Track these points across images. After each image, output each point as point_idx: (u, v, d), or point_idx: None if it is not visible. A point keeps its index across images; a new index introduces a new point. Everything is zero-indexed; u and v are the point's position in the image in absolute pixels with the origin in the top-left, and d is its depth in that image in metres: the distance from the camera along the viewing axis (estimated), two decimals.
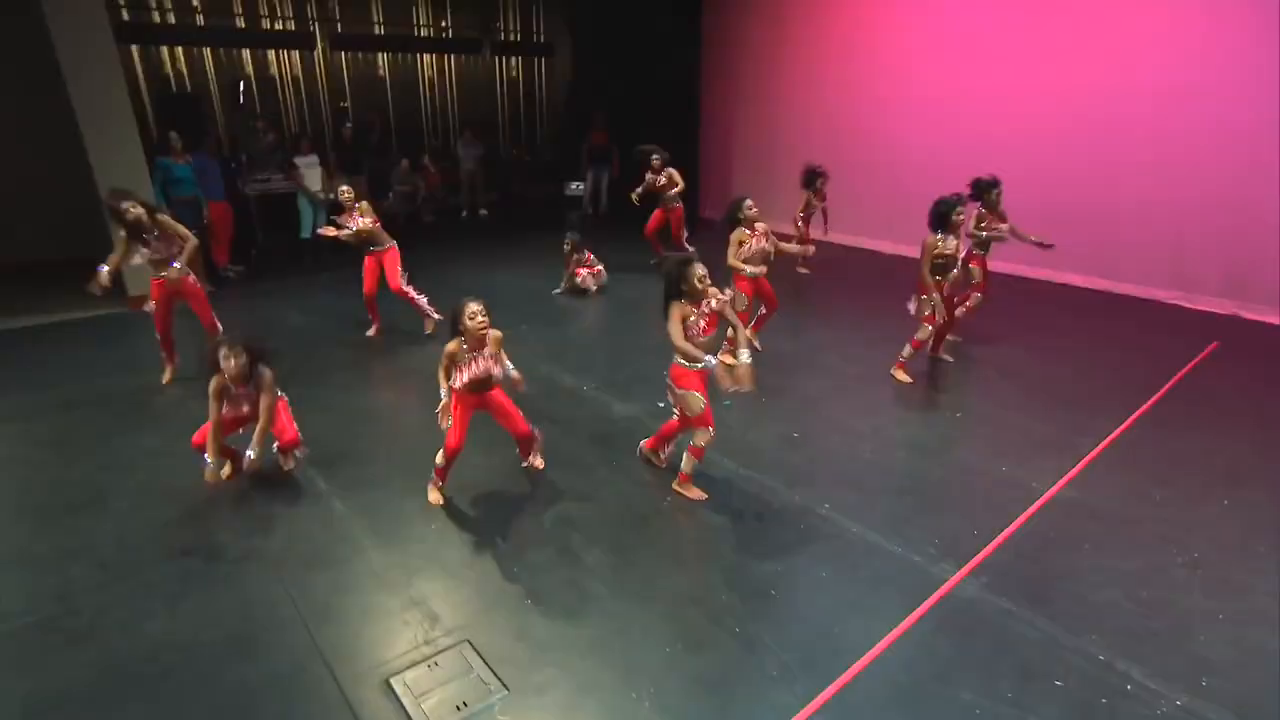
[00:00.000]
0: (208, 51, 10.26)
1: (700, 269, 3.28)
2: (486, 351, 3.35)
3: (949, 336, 5.40)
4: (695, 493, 3.60)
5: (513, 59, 13.16)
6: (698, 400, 3.38)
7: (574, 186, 12.53)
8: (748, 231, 4.93)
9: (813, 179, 7.45)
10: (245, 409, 3.52)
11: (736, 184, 10.88)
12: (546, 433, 4.05)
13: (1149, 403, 4.64)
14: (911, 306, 4.93)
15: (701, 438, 3.46)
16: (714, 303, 3.34)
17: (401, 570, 3.08)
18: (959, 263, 4.93)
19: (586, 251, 7.29)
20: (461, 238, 10.21)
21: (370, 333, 5.94)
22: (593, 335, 6.45)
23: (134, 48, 9.38)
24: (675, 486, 3.64)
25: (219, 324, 4.98)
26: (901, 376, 5.01)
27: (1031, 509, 3.49)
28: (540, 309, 6.81)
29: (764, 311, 5.37)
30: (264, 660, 2.61)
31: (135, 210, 4.47)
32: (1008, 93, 7.51)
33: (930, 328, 4.90)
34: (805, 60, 9.44)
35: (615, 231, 9.44)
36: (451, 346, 3.32)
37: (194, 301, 4.89)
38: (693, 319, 3.31)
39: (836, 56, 9.05)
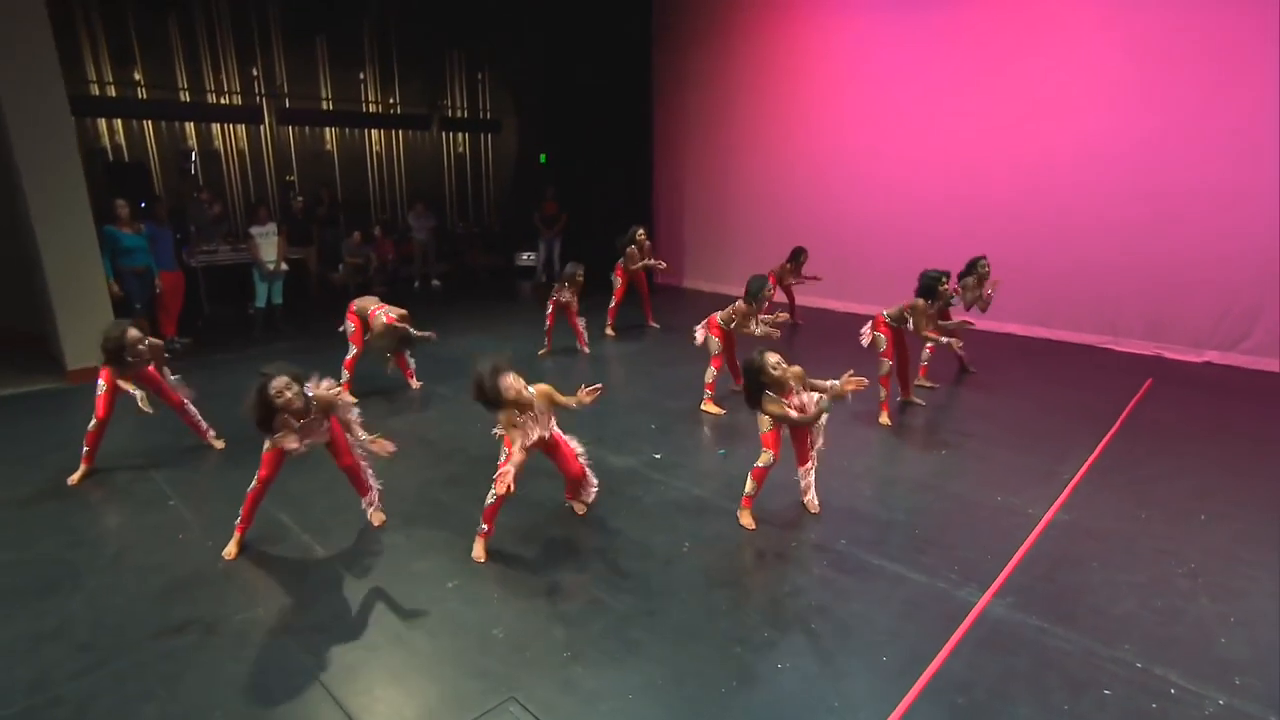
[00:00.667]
0: (149, 124, 10.08)
1: (773, 358, 3.45)
2: (538, 409, 3.37)
3: (921, 381, 5.68)
4: (747, 520, 3.71)
5: (459, 135, 13.46)
6: (767, 422, 3.52)
7: (526, 257, 12.71)
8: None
9: (796, 256, 8.04)
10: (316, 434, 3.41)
11: (689, 250, 11.29)
12: (549, 489, 4.00)
13: (1110, 433, 4.97)
14: (865, 339, 5.28)
15: (763, 459, 3.59)
16: (802, 397, 3.53)
17: (424, 632, 2.90)
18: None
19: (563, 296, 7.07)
20: (418, 308, 10.05)
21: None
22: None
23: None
24: (739, 512, 3.78)
25: (186, 399, 4.72)
26: (884, 419, 5.19)
27: (1034, 533, 3.63)
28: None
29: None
30: None
31: (144, 346, 4.29)
32: (942, 160, 8.20)
33: (889, 362, 5.19)
34: (752, 131, 10.05)
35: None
36: (505, 418, 3.30)
37: (151, 385, 4.54)
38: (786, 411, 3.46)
39: (781, 127, 9.69)
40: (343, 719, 2.44)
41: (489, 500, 3.37)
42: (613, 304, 7.99)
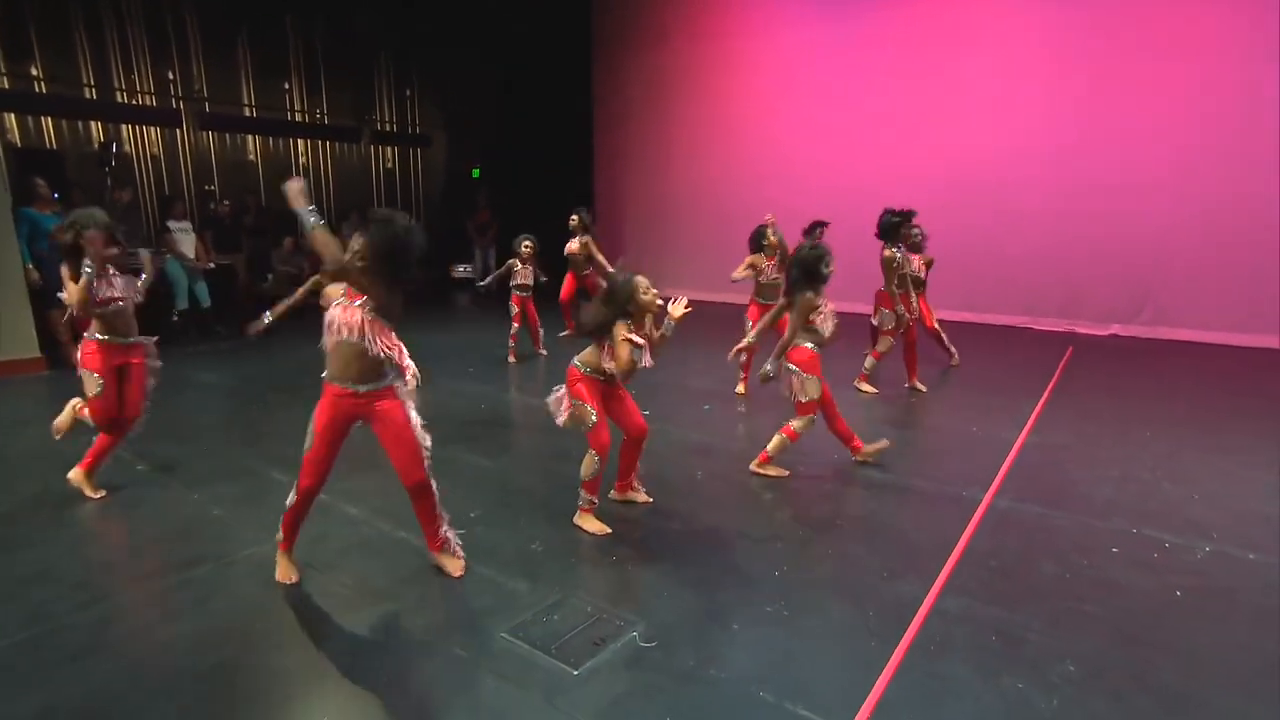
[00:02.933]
0: (47, 121, 9.36)
1: (643, 281, 2.91)
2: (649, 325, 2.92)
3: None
4: (777, 470, 3.59)
5: (388, 149, 13.23)
6: (816, 387, 3.42)
7: (461, 269, 12.55)
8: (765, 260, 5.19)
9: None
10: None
11: (630, 255, 11.48)
12: (551, 439, 3.98)
13: (1051, 383, 5.45)
14: (875, 319, 5.29)
15: (801, 424, 3.49)
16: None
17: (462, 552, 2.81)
18: (923, 279, 5.45)
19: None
20: None
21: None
22: (539, 375, 6.33)
23: None
24: (754, 467, 3.58)
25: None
26: (865, 388, 5.25)
27: (1014, 449, 3.94)
28: (477, 357, 6.64)
29: None
30: (351, 636, 2.26)
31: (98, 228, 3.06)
32: (875, 161, 8.78)
33: (891, 340, 5.17)
34: (691, 136, 10.41)
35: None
36: (620, 330, 2.81)
37: (137, 376, 3.34)
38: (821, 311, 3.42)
39: (721, 132, 10.10)
40: (392, 625, 2.33)
41: (588, 474, 2.95)
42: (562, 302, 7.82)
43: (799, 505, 3.29)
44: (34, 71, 9.22)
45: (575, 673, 2.08)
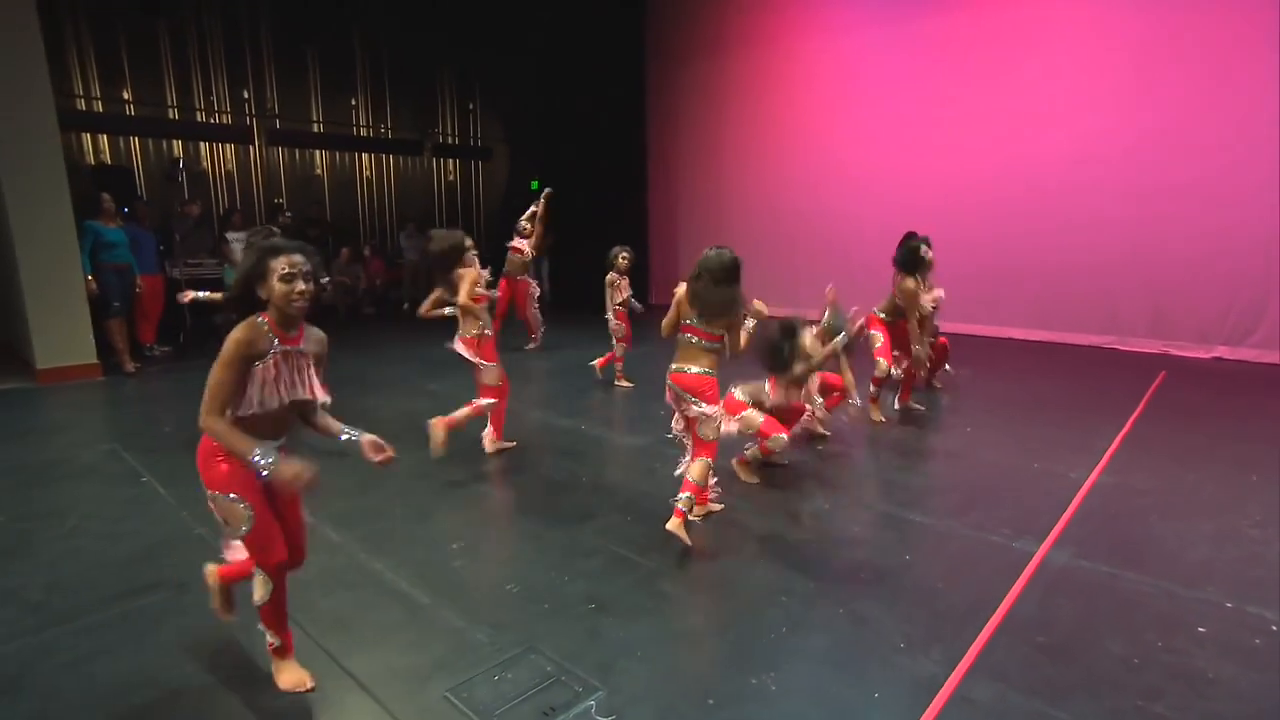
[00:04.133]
0: (135, 140, 9.92)
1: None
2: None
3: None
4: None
5: (451, 161, 13.43)
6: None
7: None
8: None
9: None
10: None
11: (684, 267, 11.18)
12: (564, 464, 3.77)
13: (1136, 413, 4.79)
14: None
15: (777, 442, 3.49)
16: None
17: (428, 590, 2.57)
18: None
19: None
20: (412, 327, 9.86)
21: None
22: (572, 389, 6.11)
23: None
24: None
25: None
26: (876, 416, 4.71)
27: (1082, 492, 3.40)
28: (514, 374, 6.46)
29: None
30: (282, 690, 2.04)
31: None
32: (939, 168, 8.17)
33: (884, 362, 4.58)
34: (746, 146, 10.06)
35: (563, 314, 9.40)
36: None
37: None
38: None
39: (776, 141, 9.70)
40: (339, 674, 2.10)
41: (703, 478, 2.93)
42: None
43: (814, 551, 2.89)
44: (125, 95, 9.81)
45: None
